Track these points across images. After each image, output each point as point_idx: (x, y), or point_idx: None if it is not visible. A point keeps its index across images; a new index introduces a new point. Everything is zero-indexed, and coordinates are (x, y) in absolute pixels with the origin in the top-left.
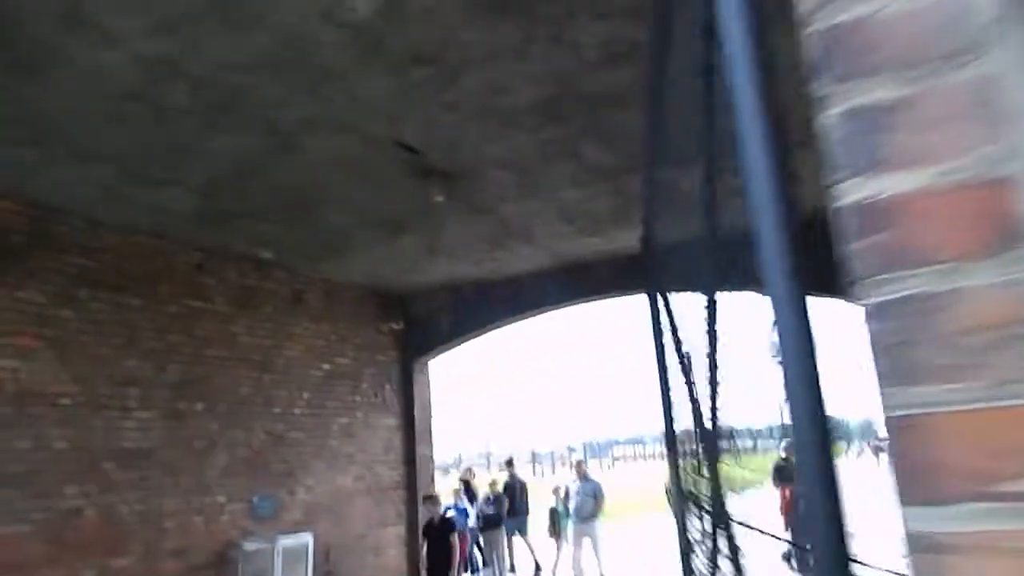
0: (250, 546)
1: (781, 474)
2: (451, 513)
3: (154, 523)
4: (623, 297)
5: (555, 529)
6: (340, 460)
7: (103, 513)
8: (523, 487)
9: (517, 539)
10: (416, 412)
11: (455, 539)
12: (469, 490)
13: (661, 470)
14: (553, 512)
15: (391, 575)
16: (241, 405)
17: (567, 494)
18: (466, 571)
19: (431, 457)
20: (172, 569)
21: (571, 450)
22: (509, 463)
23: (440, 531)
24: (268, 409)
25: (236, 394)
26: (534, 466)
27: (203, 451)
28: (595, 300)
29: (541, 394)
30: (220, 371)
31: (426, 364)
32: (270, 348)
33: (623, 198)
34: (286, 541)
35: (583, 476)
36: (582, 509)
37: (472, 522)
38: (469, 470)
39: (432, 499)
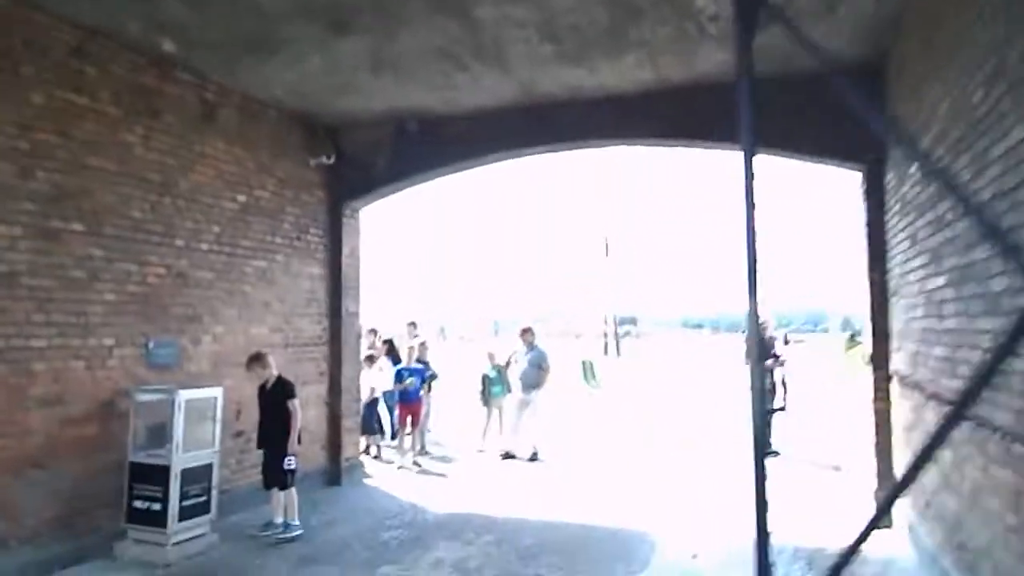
0: (144, 397)
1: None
2: (409, 379)
3: (18, 365)
4: (596, 147)
5: (485, 397)
6: (255, 308)
7: None
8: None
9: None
10: (344, 261)
11: (293, 405)
12: (392, 352)
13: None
14: (484, 379)
15: (310, 437)
16: (134, 232)
17: (508, 362)
18: (394, 439)
19: (357, 313)
20: (42, 421)
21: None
22: (412, 324)
23: (273, 397)
24: (168, 240)
25: (127, 217)
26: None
27: (84, 283)
28: (562, 149)
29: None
30: (106, 187)
31: (358, 210)
32: (172, 168)
33: (623, 10)
34: (189, 394)
35: (529, 344)
36: (527, 377)
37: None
38: (416, 336)
39: (260, 360)
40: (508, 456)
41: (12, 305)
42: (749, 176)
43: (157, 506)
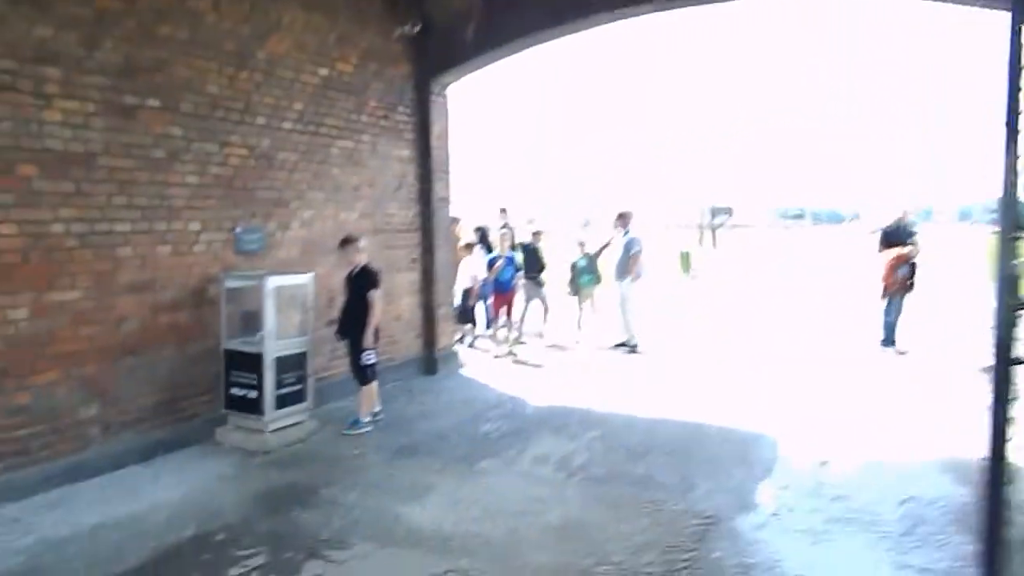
0: (234, 283)
1: None
2: (500, 263)
3: (103, 250)
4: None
5: (574, 287)
6: (343, 192)
7: (27, 233)
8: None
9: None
10: (433, 143)
11: (372, 297)
12: (485, 241)
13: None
14: (573, 268)
15: (403, 326)
16: (212, 109)
17: (600, 251)
18: (488, 328)
19: (447, 199)
20: (134, 307)
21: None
22: (503, 211)
23: (356, 285)
24: (249, 118)
25: (204, 93)
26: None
27: (164, 163)
28: (673, 6)
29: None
30: (179, 58)
31: (446, 87)
32: (248, 38)
33: None
34: (279, 280)
35: (624, 230)
36: (620, 265)
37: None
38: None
39: (352, 243)
40: (611, 347)
41: (93, 188)
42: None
43: (253, 394)
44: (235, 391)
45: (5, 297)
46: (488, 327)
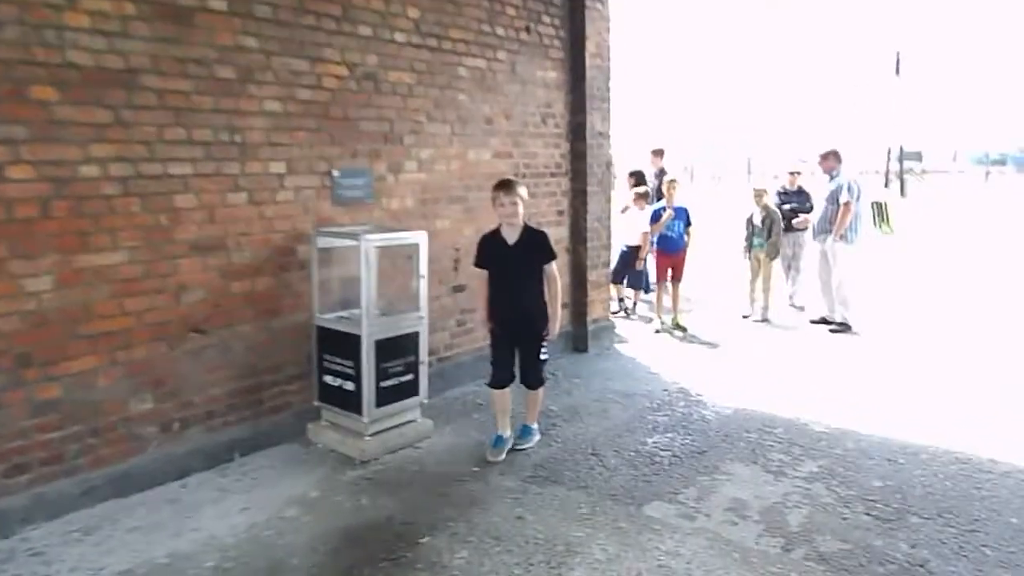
0: (328, 241)
1: None
2: (668, 214)
3: (154, 199)
4: None
5: (747, 247)
6: (473, 125)
7: (47, 176)
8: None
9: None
10: (588, 63)
11: (553, 272)
12: (641, 184)
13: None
14: (749, 224)
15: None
16: (298, 14)
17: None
18: (647, 293)
19: (607, 134)
20: (199, 272)
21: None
22: (657, 153)
23: (522, 254)
24: (349, 27)
25: None
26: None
27: (234, 86)
28: None
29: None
30: None
31: None
32: None
33: None
34: (381, 239)
35: (831, 174)
36: (823, 219)
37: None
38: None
39: (511, 190)
40: (812, 323)
41: (136, 117)
42: None
43: (350, 385)
44: (328, 379)
45: (20, 262)
46: (647, 291)
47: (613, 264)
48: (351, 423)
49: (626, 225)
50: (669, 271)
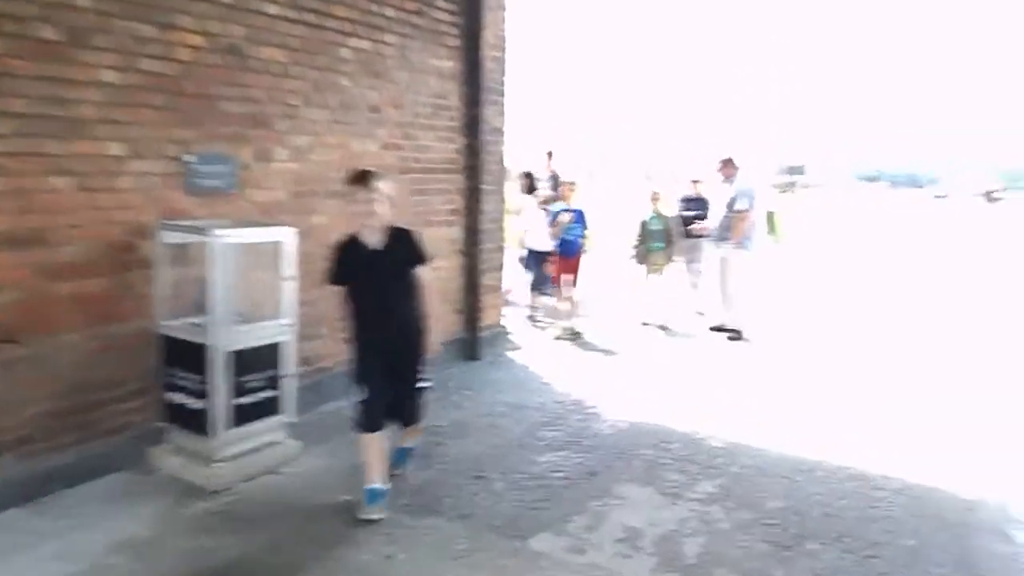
0: (176, 236)
1: None
2: (566, 217)
3: None
4: None
5: (641, 253)
6: (357, 112)
7: None
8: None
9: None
10: (485, 54)
11: (425, 276)
12: (532, 187)
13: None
14: (643, 229)
15: (437, 298)
16: None
17: (690, 203)
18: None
19: (502, 130)
20: (13, 271)
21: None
22: (549, 154)
23: (388, 258)
24: None
25: None
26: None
27: (60, 49)
28: None
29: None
30: None
31: None
32: None
33: None
34: (238, 235)
35: (731, 180)
36: (722, 225)
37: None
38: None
39: (369, 180)
40: (709, 330)
41: None
42: None
43: (198, 403)
44: (174, 396)
45: None
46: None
47: (517, 270)
48: (200, 446)
49: (530, 228)
50: (566, 276)
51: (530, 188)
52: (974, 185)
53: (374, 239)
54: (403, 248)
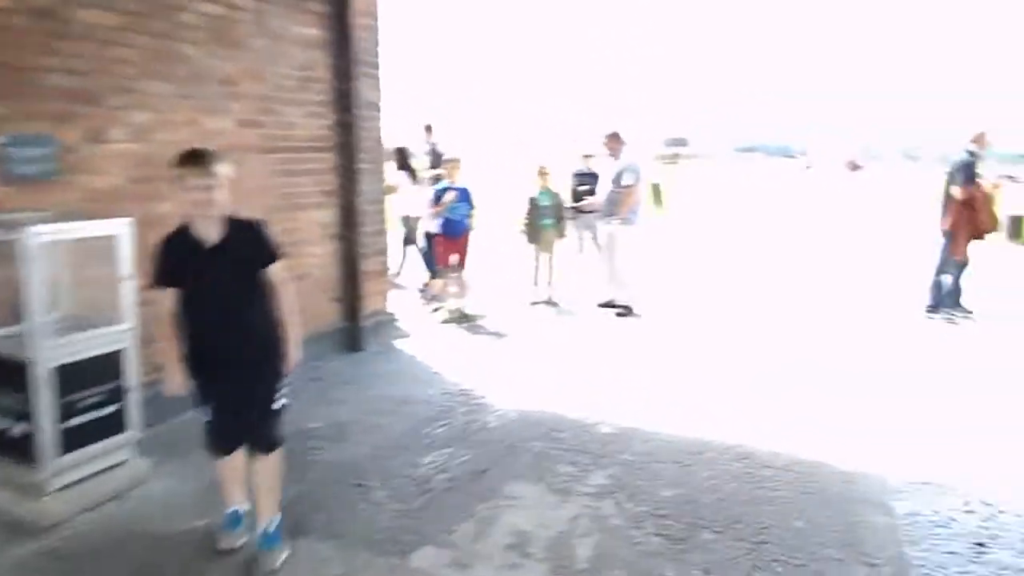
0: None
1: None
2: (451, 196)
3: None
4: None
5: (532, 231)
6: (208, 86)
7: None
8: (439, 158)
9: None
10: (355, 22)
11: (281, 276)
12: (406, 163)
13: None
14: (531, 205)
15: (312, 287)
16: None
17: (583, 177)
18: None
19: (378, 104)
20: None
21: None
22: (428, 129)
23: (230, 258)
24: None
25: None
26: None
27: None
28: None
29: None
30: None
31: None
32: None
33: None
34: (59, 230)
35: (616, 154)
36: (610, 201)
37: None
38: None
39: (205, 162)
40: (598, 307)
41: None
42: None
43: (21, 428)
44: None
45: None
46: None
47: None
48: (27, 477)
49: (407, 205)
50: (453, 257)
51: (403, 164)
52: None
53: (210, 233)
54: (247, 244)
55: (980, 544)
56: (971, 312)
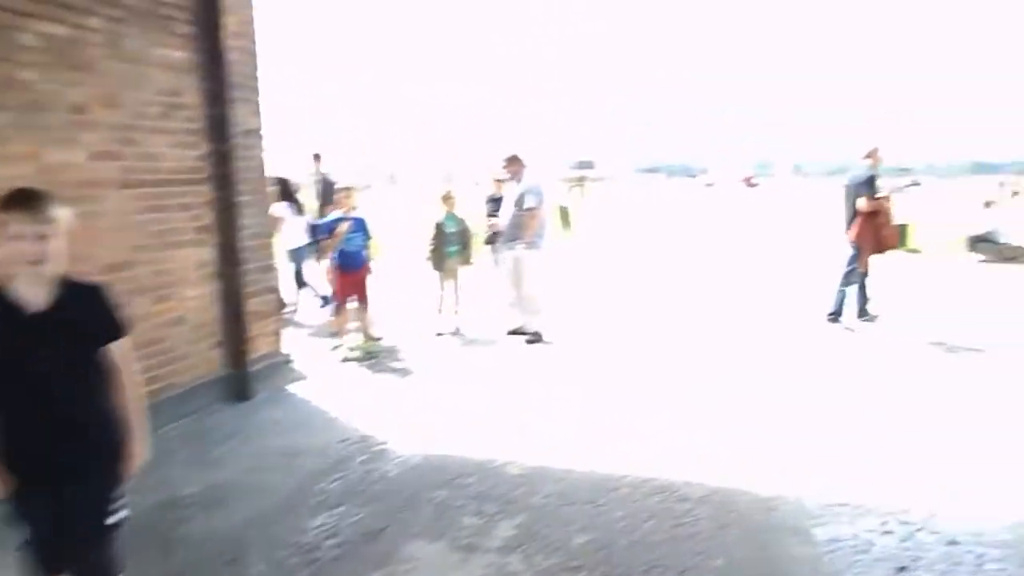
0: None
1: None
2: (344, 226)
3: None
4: None
5: (437, 259)
6: (54, 114)
7: None
8: (330, 187)
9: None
10: (227, 43)
11: (124, 353)
12: (287, 192)
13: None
14: (437, 232)
15: (189, 333)
16: None
17: (496, 203)
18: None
19: (259, 132)
20: None
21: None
22: (316, 157)
23: (67, 331)
24: None
25: None
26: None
27: None
28: None
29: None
30: None
31: None
32: None
33: None
34: None
35: (518, 178)
36: (514, 225)
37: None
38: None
39: (32, 206)
40: (515, 332)
41: None
42: None
43: None
44: None
45: None
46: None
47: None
48: None
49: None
50: (351, 291)
51: (286, 195)
52: (735, 173)
53: (36, 296)
54: (84, 312)
55: (902, 569)
56: (876, 317)
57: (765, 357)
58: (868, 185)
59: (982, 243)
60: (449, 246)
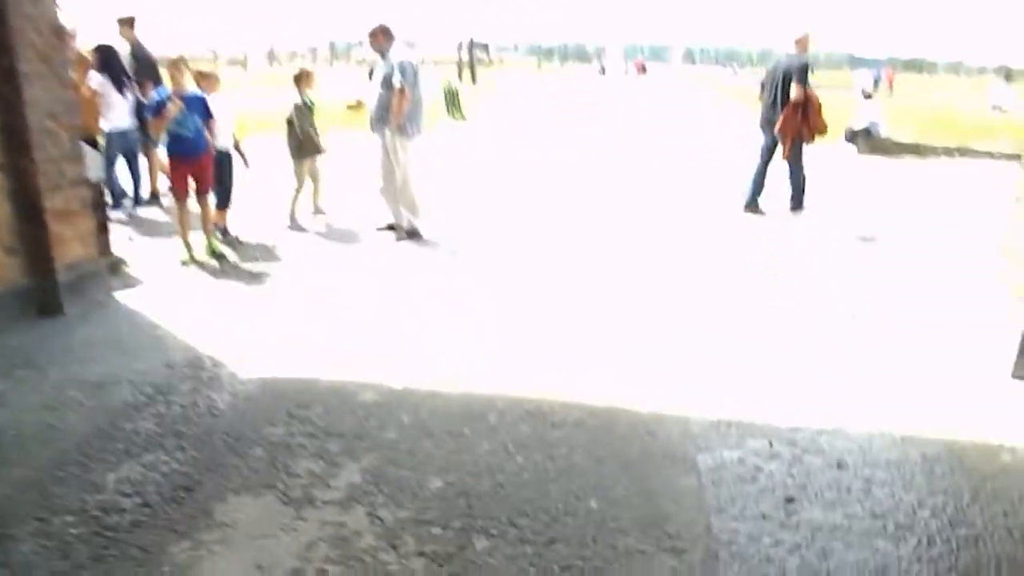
0: None
1: None
2: (174, 106)
3: None
4: None
5: (295, 145)
6: None
7: None
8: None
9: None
10: None
11: None
12: (110, 63)
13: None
14: (295, 113)
15: None
16: None
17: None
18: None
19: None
20: None
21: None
22: (126, 22)
23: None
24: None
25: None
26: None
27: None
28: None
29: None
30: None
31: None
32: None
33: None
34: None
35: (382, 53)
36: (379, 107)
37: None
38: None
39: None
40: (386, 228)
41: None
42: None
43: None
44: None
45: None
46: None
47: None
48: None
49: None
50: (190, 181)
51: (106, 67)
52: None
53: None
54: None
55: (790, 500)
56: (803, 209)
57: (656, 259)
58: (802, 73)
59: (861, 135)
60: (308, 128)
